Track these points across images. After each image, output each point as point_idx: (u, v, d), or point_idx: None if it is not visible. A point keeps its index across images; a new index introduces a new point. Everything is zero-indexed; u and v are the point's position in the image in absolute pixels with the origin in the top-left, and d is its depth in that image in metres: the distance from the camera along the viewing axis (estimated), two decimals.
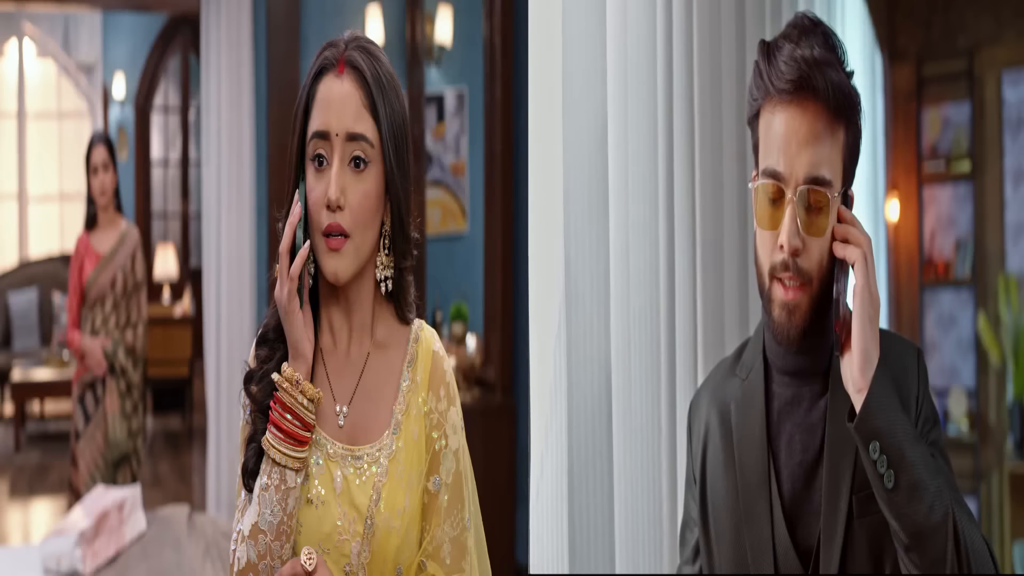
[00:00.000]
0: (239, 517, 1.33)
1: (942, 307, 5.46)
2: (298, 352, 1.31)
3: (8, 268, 8.60)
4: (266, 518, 1.29)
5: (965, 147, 5.36)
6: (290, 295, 1.29)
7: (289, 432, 1.29)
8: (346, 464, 1.32)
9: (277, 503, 1.29)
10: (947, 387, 5.31)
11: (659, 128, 2.08)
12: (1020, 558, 3.66)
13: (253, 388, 1.34)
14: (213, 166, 5.17)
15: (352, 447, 1.33)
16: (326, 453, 1.33)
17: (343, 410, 1.35)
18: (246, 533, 1.30)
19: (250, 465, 1.32)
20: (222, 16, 5.13)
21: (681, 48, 2.07)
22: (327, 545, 1.30)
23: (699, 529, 1.52)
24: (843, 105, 1.35)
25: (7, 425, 7.68)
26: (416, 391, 1.36)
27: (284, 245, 1.29)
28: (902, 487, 1.26)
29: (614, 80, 2.09)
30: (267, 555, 1.29)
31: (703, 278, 2.05)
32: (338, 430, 1.34)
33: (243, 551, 1.30)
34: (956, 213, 5.43)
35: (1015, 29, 5.26)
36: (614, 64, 2.09)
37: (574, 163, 2.08)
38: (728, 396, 1.48)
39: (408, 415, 1.35)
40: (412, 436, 1.35)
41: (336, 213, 1.28)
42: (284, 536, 1.29)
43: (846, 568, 1.36)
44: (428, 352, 1.38)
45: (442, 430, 1.37)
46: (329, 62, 1.31)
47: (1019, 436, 4.95)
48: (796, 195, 1.34)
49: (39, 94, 9.21)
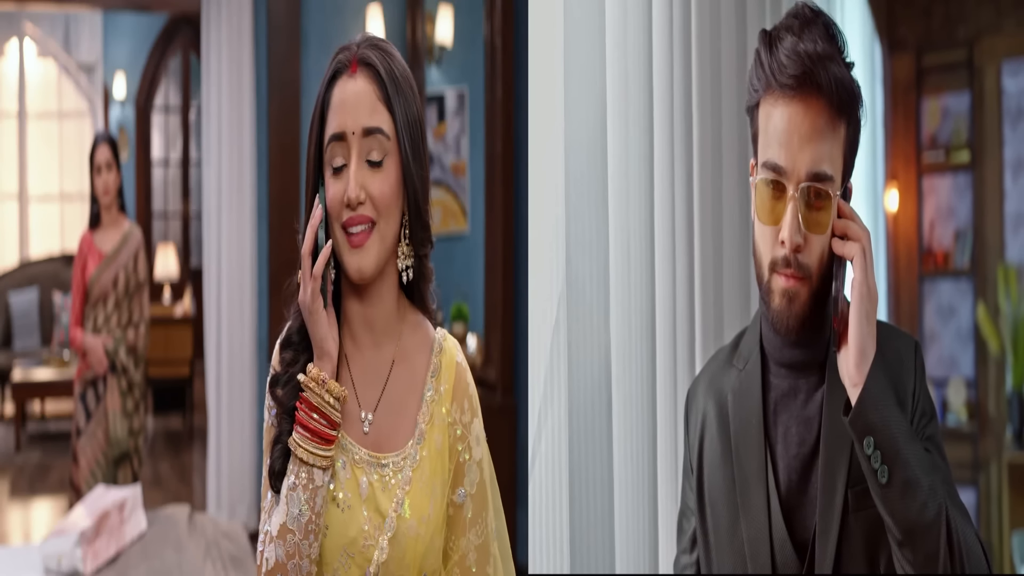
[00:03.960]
0: (266, 519, 1.34)
1: (941, 297, 5.47)
2: (323, 351, 1.31)
3: (8, 268, 8.59)
4: (294, 517, 1.29)
5: (965, 137, 5.36)
6: (314, 295, 1.29)
7: (316, 431, 1.30)
8: (371, 471, 1.34)
9: (305, 502, 1.29)
10: (946, 377, 5.32)
11: (658, 126, 2.08)
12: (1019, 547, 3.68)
13: (279, 391, 1.35)
14: (214, 166, 5.18)
15: (377, 455, 1.34)
16: (352, 459, 1.34)
17: (368, 417, 1.36)
18: (274, 533, 1.31)
19: (277, 467, 1.33)
20: (223, 16, 5.13)
21: (680, 46, 2.07)
22: (352, 550, 1.31)
23: (696, 519, 1.52)
24: (845, 101, 1.35)
25: (8, 425, 7.67)
26: (440, 402, 1.37)
27: (306, 247, 1.30)
28: (896, 483, 1.26)
29: (613, 79, 2.09)
30: (296, 554, 1.29)
31: (702, 277, 2.05)
32: (363, 436, 1.35)
33: (271, 551, 1.30)
34: (955, 203, 5.43)
35: (1015, 19, 5.26)
36: (613, 63, 2.09)
37: (574, 161, 2.08)
38: (725, 386, 1.48)
39: (432, 425, 1.36)
40: (436, 446, 1.36)
41: (357, 209, 1.29)
42: (312, 534, 1.30)
43: (841, 561, 1.36)
44: (452, 363, 1.39)
45: (466, 442, 1.38)
46: (343, 64, 1.32)
47: (1018, 426, 4.95)
48: (798, 192, 1.34)
49: (40, 94, 9.19)
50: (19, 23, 8.77)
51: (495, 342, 4.47)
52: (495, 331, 4.47)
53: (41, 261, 8.54)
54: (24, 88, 9.01)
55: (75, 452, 4.25)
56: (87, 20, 8.68)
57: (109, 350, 4.21)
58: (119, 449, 4.25)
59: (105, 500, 3.41)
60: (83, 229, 4.40)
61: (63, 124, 9.24)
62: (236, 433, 5.16)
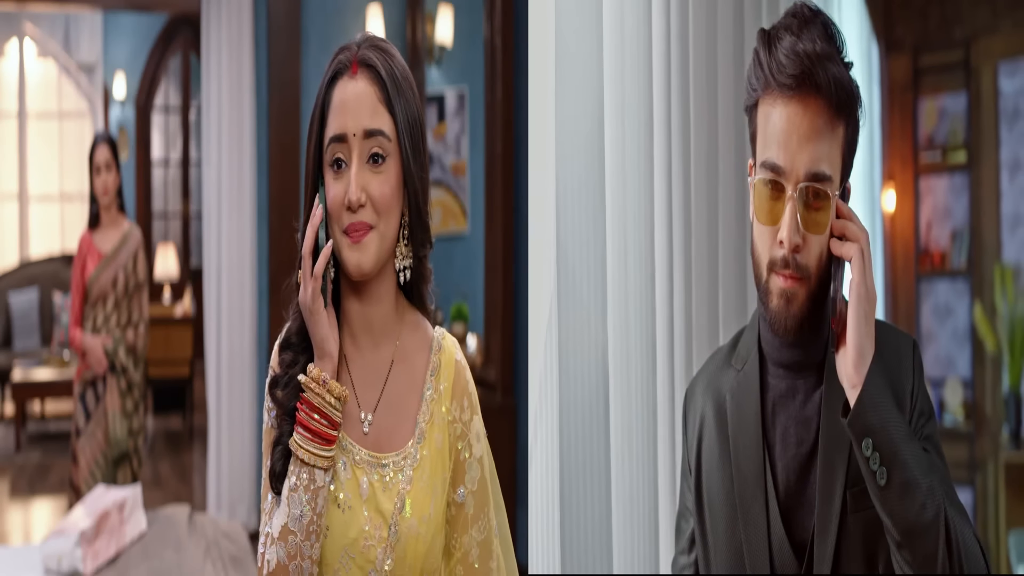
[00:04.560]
0: (266, 520, 1.33)
1: (938, 297, 5.48)
2: (324, 351, 1.31)
3: (9, 268, 8.58)
4: (296, 518, 1.29)
5: (961, 138, 5.37)
6: (314, 294, 1.29)
7: (317, 432, 1.30)
8: (372, 471, 1.33)
9: (307, 503, 1.29)
10: (943, 377, 5.33)
11: (656, 126, 2.08)
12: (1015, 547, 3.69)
13: (279, 393, 1.34)
14: (214, 166, 5.17)
15: (377, 455, 1.34)
16: (352, 459, 1.34)
17: (368, 417, 1.36)
18: (275, 535, 1.30)
19: (277, 468, 1.32)
20: (223, 16, 5.13)
21: (678, 46, 2.07)
22: (353, 550, 1.31)
23: (695, 519, 1.52)
24: (844, 100, 1.34)
25: (7, 425, 7.67)
26: (440, 401, 1.37)
27: (306, 247, 1.29)
28: (894, 485, 1.26)
29: (610, 79, 2.09)
30: (297, 555, 1.29)
31: (698, 277, 2.06)
32: (363, 437, 1.35)
33: (272, 553, 1.30)
34: (952, 204, 5.44)
35: (1011, 20, 5.26)
36: (611, 64, 2.09)
37: (570, 161, 2.08)
38: (723, 387, 1.48)
39: (432, 424, 1.36)
40: (436, 445, 1.36)
41: (358, 212, 1.29)
42: (314, 535, 1.29)
43: (840, 561, 1.36)
44: (451, 361, 1.39)
45: (466, 440, 1.38)
46: (343, 65, 1.32)
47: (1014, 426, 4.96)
48: (797, 192, 1.33)
49: (40, 94, 9.19)
50: (19, 23, 8.77)
51: (495, 342, 4.47)
52: (495, 331, 4.47)
53: (41, 261, 8.53)
54: (24, 88, 9.01)
55: (74, 452, 4.25)
56: (87, 20, 8.68)
57: (108, 350, 4.21)
58: (119, 449, 4.24)
59: (105, 500, 3.41)
60: (82, 229, 4.39)
61: (63, 124, 9.24)
62: (236, 433, 5.16)
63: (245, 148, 5.14)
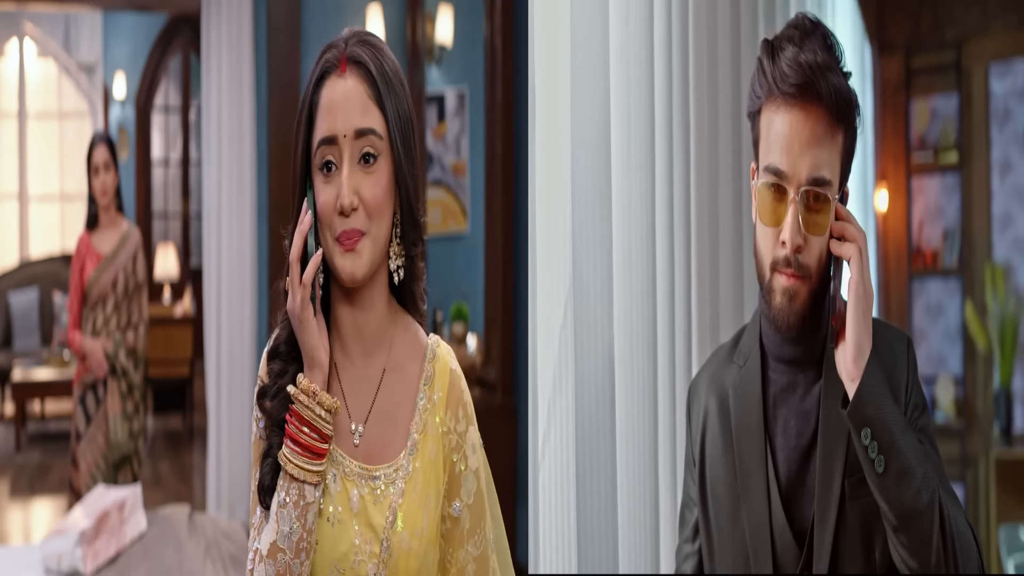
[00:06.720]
0: (255, 535, 1.28)
1: (930, 296, 5.53)
2: (314, 361, 1.26)
3: (9, 268, 8.56)
4: (285, 535, 1.24)
5: (953, 138, 5.42)
6: (303, 303, 1.24)
7: (307, 446, 1.24)
8: (362, 484, 1.28)
9: (296, 519, 1.24)
10: (935, 375, 5.38)
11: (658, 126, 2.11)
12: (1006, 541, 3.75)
13: (267, 403, 1.29)
14: (214, 166, 5.15)
15: (368, 467, 1.29)
16: (343, 471, 1.28)
17: (359, 429, 1.30)
18: (264, 552, 1.25)
19: (266, 482, 1.27)
20: (223, 16, 5.11)
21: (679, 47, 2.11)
22: (343, 565, 1.26)
23: (698, 509, 1.56)
24: (843, 109, 1.39)
25: (7, 425, 7.64)
26: (434, 411, 1.32)
27: (294, 254, 1.25)
28: (892, 472, 1.30)
29: (616, 78, 2.11)
30: (286, 573, 1.24)
31: (699, 277, 2.08)
32: (354, 448, 1.30)
33: (261, 571, 1.25)
34: (944, 203, 5.49)
35: (1002, 22, 5.31)
36: (616, 62, 2.11)
37: (577, 162, 2.10)
38: (726, 382, 1.52)
39: (425, 434, 1.31)
40: (429, 456, 1.31)
41: (350, 216, 1.24)
42: (304, 552, 1.25)
43: (839, 547, 1.41)
44: (445, 370, 1.33)
45: (461, 452, 1.33)
46: (331, 64, 1.27)
47: (1005, 423, 5.02)
48: (798, 195, 1.38)
49: (40, 94, 9.16)
50: (19, 23, 8.77)
51: (495, 342, 4.45)
52: (495, 331, 4.45)
53: (41, 261, 8.51)
54: (24, 88, 9.00)
55: (75, 456, 4.18)
56: (87, 20, 8.66)
57: (109, 353, 4.15)
58: (119, 452, 4.19)
59: (105, 500, 3.39)
60: (81, 230, 4.32)
61: (63, 124, 9.23)
62: (236, 433, 5.14)
63: (245, 148, 5.12)
